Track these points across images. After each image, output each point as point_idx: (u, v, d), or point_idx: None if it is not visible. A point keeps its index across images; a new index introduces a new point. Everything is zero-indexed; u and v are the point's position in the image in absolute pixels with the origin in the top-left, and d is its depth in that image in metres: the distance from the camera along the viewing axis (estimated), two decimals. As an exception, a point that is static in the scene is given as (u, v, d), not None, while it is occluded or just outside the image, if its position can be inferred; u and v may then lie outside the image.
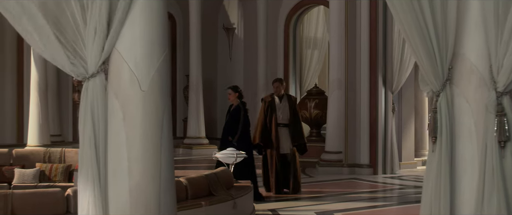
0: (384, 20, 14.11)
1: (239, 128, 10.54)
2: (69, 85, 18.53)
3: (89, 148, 4.14)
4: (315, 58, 19.57)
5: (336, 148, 14.44)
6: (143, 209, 4.14)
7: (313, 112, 15.50)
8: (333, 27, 14.65)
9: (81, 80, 4.23)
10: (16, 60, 17.83)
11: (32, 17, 4.19)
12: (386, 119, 14.23)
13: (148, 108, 4.17)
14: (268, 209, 10.02)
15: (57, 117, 18.08)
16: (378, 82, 14.08)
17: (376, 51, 14.08)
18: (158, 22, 4.20)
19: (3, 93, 17.80)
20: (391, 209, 10.76)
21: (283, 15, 19.00)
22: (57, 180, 10.87)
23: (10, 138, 17.79)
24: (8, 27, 17.69)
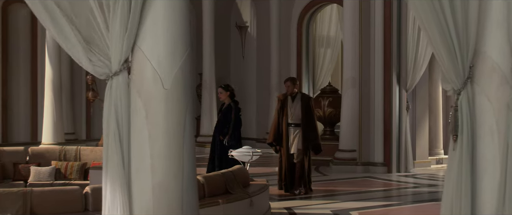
0: (398, 17, 14.07)
1: (231, 127, 10.33)
2: (83, 83, 18.60)
3: (114, 146, 4.16)
4: (328, 56, 19.56)
5: (350, 146, 14.42)
6: (166, 207, 4.16)
7: (326, 110, 15.48)
8: (347, 25, 14.63)
9: (105, 79, 4.26)
10: (30, 59, 17.92)
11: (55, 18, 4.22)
12: (400, 117, 14.19)
13: (171, 106, 4.19)
14: (284, 207, 10.02)
15: (71, 115, 18.17)
16: (392, 81, 14.05)
17: (390, 49, 14.05)
18: (181, 20, 4.22)
19: (17, 92, 17.89)
20: (406, 208, 10.73)
21: (296, 13, 19.00)
22: (72, 178, 10.92)
23: (25, 136, 17.90)
24: (22, 27, 17.81)
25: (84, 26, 4.23)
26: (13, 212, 6.59)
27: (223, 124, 10.52)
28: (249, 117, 20.15)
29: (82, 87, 18.68)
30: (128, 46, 4.13)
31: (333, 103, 15.39)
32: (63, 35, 4.24)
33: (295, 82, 11.45)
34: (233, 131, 10.39)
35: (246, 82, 20.46)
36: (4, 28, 17.58)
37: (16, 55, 17.85)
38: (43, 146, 14.71)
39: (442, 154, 15.84)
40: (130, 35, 4.11)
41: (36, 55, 17.92)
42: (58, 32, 4.25)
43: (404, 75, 14.18)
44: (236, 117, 10.48)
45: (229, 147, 9.98)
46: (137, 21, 4.11)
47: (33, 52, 17.95)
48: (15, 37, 17.83)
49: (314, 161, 15.32)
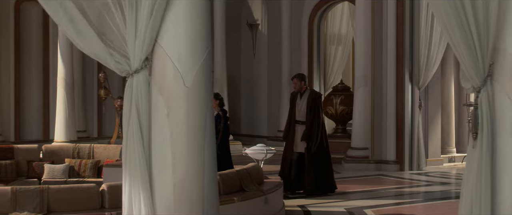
0: (411, 15, 14.03)
1: (219, 137, 9.92)
2: (94, 81, 18.66)
3: (135, 144, 4.17)
4: (339, 54, 19.54)
5: (362, 144, 14.41)
6: (186, 205, 4.17)
7: (338, 108, 15.47)
8: (359, 23, 14.60)
9: (125, 77, 4.27)
10: (41, 57, 17.98)
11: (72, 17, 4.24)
12: (412, 115, 14.16)
13: (192, 104, 4.20)
14: (297, 205, 10.03)
15: (82, 113, 18.22)
16: (404, 79, 14.02)
17: (402, 47, 14.02)
18: (202, 18, 4.22)
19: (30, 90, 17.96)
20: (419, 206, 10.71)
21: (307, 11, 18.99)
22: (86, 175, 10.96)
23: (37, 134, 17.96)
24: (34, 25, 17.88)
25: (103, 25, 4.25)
26: (31, 209, 6.63)
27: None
28: (260, 115, 20.16)
29: (94, 85, 18.73)
30: (150, 44, 4.15)
31: (345, 101, 15.38)
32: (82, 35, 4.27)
33: (302, 78, 11.19)
34: (221, 141, 10.04)
35: (257, 80, 20.46)
36: (17, 27, 17.64)
37: (28, 54, 17.91)
38: (56, 143, 14.77)
39: (455, 152, 15.81)
40: (152, 33, 4.12)
41: (48, 54, 17.98)
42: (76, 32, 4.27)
43: (416, 73, 14.15)
44: (225, 126, 10.20)
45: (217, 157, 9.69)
46: (159, 19, 4.12)
47: (45, 50, 18.02)
48: (27, 36, 17.90)
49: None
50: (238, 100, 20.71)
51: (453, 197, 11.66)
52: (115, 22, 4.23)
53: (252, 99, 20.46)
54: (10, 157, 11.04)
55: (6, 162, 10.87)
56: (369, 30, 14.30)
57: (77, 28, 4.27)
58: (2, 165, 10.80)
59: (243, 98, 20.80)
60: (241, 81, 20.82)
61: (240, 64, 20.84)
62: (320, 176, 10.97)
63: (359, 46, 14.59)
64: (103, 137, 18.43)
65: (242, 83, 20.82)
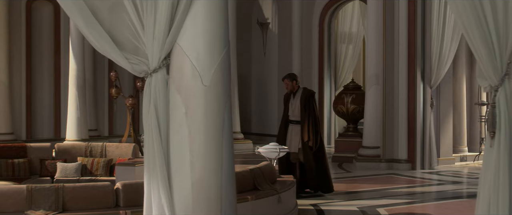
0: (423, 14, 14.00)
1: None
2: (105, 80, 18.72)
3: (154, 143, 4.18)
4: (350, 53, 19.54)
5: (374, 143, 14.38)
6: (205, 203, 4.18)
7: (350, 107, 15.44)
8: (370, 21, 14.57)
9: (143, 77, 4.28)
10: (53, 56, 18.04)
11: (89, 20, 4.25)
12: (424, 114, 14.13)
13: (210, 103, 4.21)
14: (310, 204, 10.03)
15: (94, 112, 18.27)
16: (416, 77, 13.99)
17: (414, 46, 13.98)
18: (220, 16, 4.23)
19: (41, 88, 18.03)
20: (431, 205, 10.69)
21: (317, 10, 18.99)
22: (98, 174, 10.98)
23: (48, 132, 18.03)
24: (45, 24, 17.94)
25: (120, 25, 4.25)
26: (46, 207, 6.66)
27: None
28: (271, 114, 20.16)
29: (105, 84, 18.79)
30: (169, 44, 4.16)
31: (356, 100, 15.35)
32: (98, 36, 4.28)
33: (293, 78, 10.97)
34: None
35: (267, 79, 20.47)
36: (28, 26, 17.71)
37: (39, 53, 17.98)
38: (69, 142, 14.81)
39: (466, 151, 15.76)
40: (172, 33, 4.13)
41: (59, 53, 18.04)
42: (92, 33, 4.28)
43: (428, 71, 14.11)
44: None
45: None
46: (179, 19, 4.12)
47: (56, 49, 18.08)
48: (38, 35, 17.96)
49: (338, 157, 15.38)
50: (248, 99, 20.72)
51: (464, 196, 11.64)
52: (132, 23, 4.24)
53: (262, 98, 20.47)
54: (23, 156, 11.09)
55: (19, 160, 10.92)
56: (380, 28, 14.27)
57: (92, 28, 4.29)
58: (15, 163, 10.85)
59: (253, 97, 20.81)
60: (252, 80, 20.83)
61: (250, 63, 20.86)
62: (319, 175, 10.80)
63: (371, 45, 14.56)
64: (114, 136, 18.49)
65: (252, 82, 20.83)
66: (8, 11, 16.93)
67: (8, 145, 11.44)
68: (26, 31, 17.64)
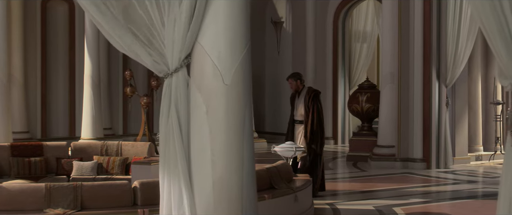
0: (438, 12, 13.94)
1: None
2: (120, 79, 18.78)
3: (175, 142, 4.18)
4: (364, 51, 19.51)
5: (389, 142, 14.34)
6: (226, 202, 4.18)
7: (364, 106, 15.40)
8: (385, 20, 14.53)
9: (163, 76, 4.29)
10: (68, 55, 18.13)
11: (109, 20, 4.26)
12: (439, 113, 14.08)
13: (231, 102, 4.21)
14: (326, 203, 10.02)
15: (108, 110, 18.34)
16: (431, 76, 13.94)
17: (429, 44, 13.94)
18: (241, 16, 4.23)
19: (56, 87, 18.12)
20: (447, 204, 10.65)
21: (332, 8, 18.97)
22: (114, 172, 11.02)
23: (63, 131, 18.12)
24: (60, 23, 18.02)
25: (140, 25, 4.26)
26: (65, 205, 6.69)
27: None
28: (284, 113, 20.09)
29: (119, 83, 18.85)
30: (190, 43, 4.16)
31: (371, 99, 15.31)
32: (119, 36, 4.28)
33: (297, 77, 10.87)
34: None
35: (281, 78, 20.40)
36: (43, 25, 17.80)
37: (54, 51, 18.07)
38: (85, 141, 14.86)
39: (482, 151, 15.70)
40: (193, 32, 4.14)
41: (74, 51, 18.13)
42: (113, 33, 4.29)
43: (443, 70, 14.06)
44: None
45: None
46: (200, 18, 4.13)
47: (71, 48, 18.16)
48: (53, 34, 18.05)
49: (352, 156, 15.36)
50: (262, 98, 20.72)
51: (480, 195, 11.60)
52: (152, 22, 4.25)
53: (276, 97, 20.45)
54: (39, 154, 11.14)
55: (35, 159, 10.98)
56: (396, 27, 14.23)
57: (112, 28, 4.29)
58: (31, 162, 10.90)
59: (267, 96, 20.80)
60: (266, 79, 20.83)
61: (264, 62, 20.85)
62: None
63: (386, 44, 14.51)
64: (129, 134, 18.55)
65: (266, 81, 20.83)
66: (23, 10, 17.02)
67: (24, 144, 11.50)
68: (41, 30, 17.74)
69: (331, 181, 12.84)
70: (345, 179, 13.59)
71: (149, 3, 4.23)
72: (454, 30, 13.99)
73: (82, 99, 16.70)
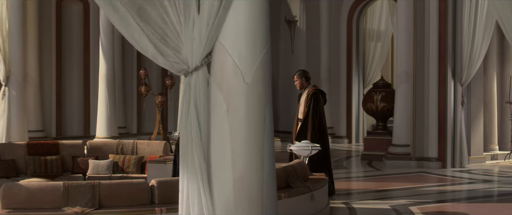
0: (454, 11, 13.88)
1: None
2: (134, 78, 18.83)
3: (194, 141, 4.18)
4: (379, 50, 19.45)
5: (404, 141, 14.29)
6: (246, 201, 4.18)
7: (379, 105, 15.37)
8: (400, 19, 14.47)
9: (184, 74, 4.29)
10: (82, 54, 18.21)
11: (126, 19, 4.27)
12: (455, 112, 14.01)
13: (252, 100, 4.21)
14: (342, 202, 10.00)
15: (122, 109, 18.39)
16: (447, 75, 13.88)
17: (445, 43, 13.88)
18: (262, 15, 4.23)
19: (71, 86, 18.20)
20: (464, 204, 10.61)
21: (346, 7, 18.95)
22: (130, 171, 11.05)
23: (77, 130, 18.21)
24: (75, 23, 18.10)
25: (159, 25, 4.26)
26: (82, 204, 6.71)
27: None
28: (298, 112, 20.12)
29: (133, 82, 18.91)
30: (211, 42, 4.16)
31: (385, 98, 15.28)
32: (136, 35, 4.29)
33: (302, 75, 10.66)
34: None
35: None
36: (58, 24, 17.89)
37: (69, 51, 18.15)
38: (100, 139, 14.91)
39: (497, 150, 15.63)
40: (214, 31, 4.14)
41: (88, 51, 18.20)
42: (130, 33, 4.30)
43: (459, 69, 14.00)
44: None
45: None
46: (221, 18, 4.13)
47: (86, 47, 18.24)
48: (68, 33, 18.13)
49: (367, 155, 15.32)
50: (276, 96, 20.71)
51: (496, 195, 11.53)
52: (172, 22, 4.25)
53: (290, 96, 20.42)
54: (56, 153, 11.20)
55: (51, 157, 11.03)
56: (410, 26, 14.18)
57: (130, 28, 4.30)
58: (47, 160, 10.95)
59: (281, 95, 20.79)
60: (279, 78, 20.81)
61: (278, 61, 20.84)
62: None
63: (401, 43, 14.46)
64: (143, 133, 18.61)
65: (280, 80, 20.81)
66: (38, 10, 17.11)
67: (41, 142, 11.56)
68: (56, 29, 17.82)
69: (346, 180, 12.82)
70: (360, 178, 13.56)
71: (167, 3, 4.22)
72: (469, 29, 13.92)
73: (96, 98, 16.77)
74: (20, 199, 6.69)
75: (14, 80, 13.17)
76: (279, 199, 7.53)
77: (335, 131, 19.20)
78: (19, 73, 13.55)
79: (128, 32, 4.32)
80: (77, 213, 6.60)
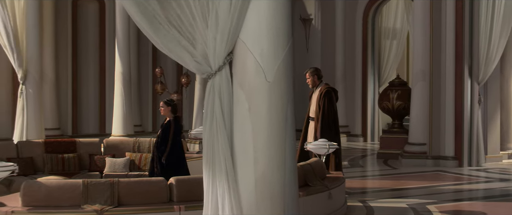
0: (471, 10, 13.82)
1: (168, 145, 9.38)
2: (149, 76, 18.88)
3: (219, 139, 4.18)
4: (394, 49, 19.40)
5: (420, 139, 14.25)
6: (268, 199, 4.18)
7: (395, 103, 15.32)
8: (417, 17, 14.42)
9: (207, 77, 4.29)
10: (98, 52, 18.28)
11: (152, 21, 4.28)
12: (471, 110, 13.95)
13: (274, 99, 4.21)
14: (359, 200, 9.98)
15: (138, 108, 18.45)
16: (463, 74, 13.82)
17: (462, 42, 13.82)
18: (283, 13, 4.22)
19: (87, 85, 18.28)
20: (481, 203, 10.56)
21: (361, 5, 18.91)
22: (146, 169, 11.06)
23: (93, 128, 18.28)
24: (91, 22, 18.17)
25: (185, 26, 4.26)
26: (102, 202, 6.75)
27: (162, 141, 9.57)
28: (313, 110, 20.11)
29: (149, 80, 18.96)
30: (233, 40, 4.16)
31: (402, 96, 15.24)
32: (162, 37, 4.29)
33: (314, 73, 10.54)
34: (172, 148, 9.41)
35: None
36: (74, 23, 17.97)
37: (85, 49, 18.23)
38: (117, 137, 14.95)
39: (514, 149, 15.56)
40: (236, 29, 4.14)
41: (104, 49, 18.28)
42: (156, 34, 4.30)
43: (476, 68, 13.93)
44: (174, 134, 9.49)
45: (167, 165, 9.28)
46: (243, 16, 4.13)
47: (101, 46, 18.32)
48: (84, 32, 18.21)
49: (383, 154, 15.28)
50: (291, 95, 20.66)
51: (515, 193, 11.49)
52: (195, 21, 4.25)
53: (304, 95, 20.38)
54: (73, 151, 11.24)
55: (68, 155, 11.07)
56: (427, 25, 14.13)
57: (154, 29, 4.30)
58: (65, 158, 11.00)
59: (296, 93, 20.47)
60: (295, 76, 20.66)
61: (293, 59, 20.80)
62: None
63: (417, 41, 14.41)
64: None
65: (295, 78, 20.66)
66: (55, 9, 17.20)
67: (58, 140, 11.61)
68: (72, 28, 17.91)
69: (362, 179, 12.80)
70: (376, 176, 13.53)
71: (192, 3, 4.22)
72: (486, 28, 13.85)
73: (112, 97, 16.83)
74: (40, 197, 6.73)
75: (31, 78, 13.22)
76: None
77: (350, 129, 19.16)
78: (36, 72, 13.60)
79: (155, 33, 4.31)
80: (96, 210, 6.63)
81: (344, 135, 18.79)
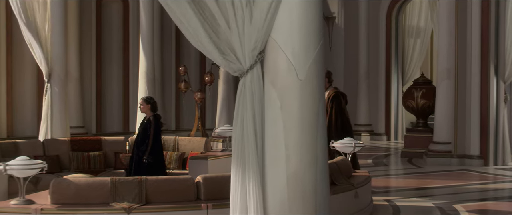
0: (497, 8, 13.70)
1: (149, 143, 9.29)
2: (173, 74, 18.94)
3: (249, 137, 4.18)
4: (418, 47, 19.28)
5: (445, 138, 14.16)
6: (300, 197, 4.18)
7: (420, 102, 15.24)
8: (442, 18, 14.33)
9: (239, 76, 4.29)
10: (122, 51, 18.37)
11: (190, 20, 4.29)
12: (497, 109, 13.84)
13: (305, 97, 4.21)
14: (384, 200, 9.94)
15: (161, 106, 18.49)
16: (489, 72, 13.71)
17: (487, 40, 13.71)
18: (315, 11, 4.22)
19: (110, 83, 18.38)
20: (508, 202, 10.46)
21: (385, 3, 18.83)
22: (171, 167, 11.10)
23: (117, 126, 18.37)
24: (115, 21, 18.27)
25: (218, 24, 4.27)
26: (130, 199, 6.78)
27: (142, 140, 9.48)
28: (336, 109, 20.04)
29: (172, 79, 19.02)
30: (264, 38, 4.17)
31: (426, 95, 15.15)
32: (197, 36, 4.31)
33: (326, 75, 10.33)
34: (152, 146, 9.34)
35: (333, 73, 20.32)
36: (98, 23, 18.09)
37: (109, 48, 18.33)
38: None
39: (540, 148, 15.37)
40: (268, 27, 4.14)
41: (128, 48, 18.36)
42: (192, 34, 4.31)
43: (501, 66, 13.82)
44: (155, 132, 9.41)
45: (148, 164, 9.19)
46: (275, 14, 4.13)
47: (125, 45, 18.41)
48: (108, 31, 18.31)
49: (407, 153, 15.20)
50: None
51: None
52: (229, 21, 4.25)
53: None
54: (98, 149, 11.31)
55: (94, 153, 11.15)
56: (452, 24, 14.03)
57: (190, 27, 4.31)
58: (90, 156, 11.07)
59: (319, 92, 20.70)
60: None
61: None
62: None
63: (442, 40, 14.32)
64: (181, 130, 18.70)
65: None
66: (79, 9, 17.33)
67: (83, 138, 11.70)
68: (96, 28, 18.02)
69: (386, 177, 12.75)
70: (401, 175, 13.47)
71: (228, 2, 4.22)
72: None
73: (136, 95, 16.89)
74: (69, 194, 6.78)
75: (56, 77, 13.30)
76: (324, 196, 7.52)
77: (373, 128, 19.09)
78: (61, 70, 13.68)
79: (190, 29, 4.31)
80: (124, 208, 6.67)
81: (367, 133, 18.75)
